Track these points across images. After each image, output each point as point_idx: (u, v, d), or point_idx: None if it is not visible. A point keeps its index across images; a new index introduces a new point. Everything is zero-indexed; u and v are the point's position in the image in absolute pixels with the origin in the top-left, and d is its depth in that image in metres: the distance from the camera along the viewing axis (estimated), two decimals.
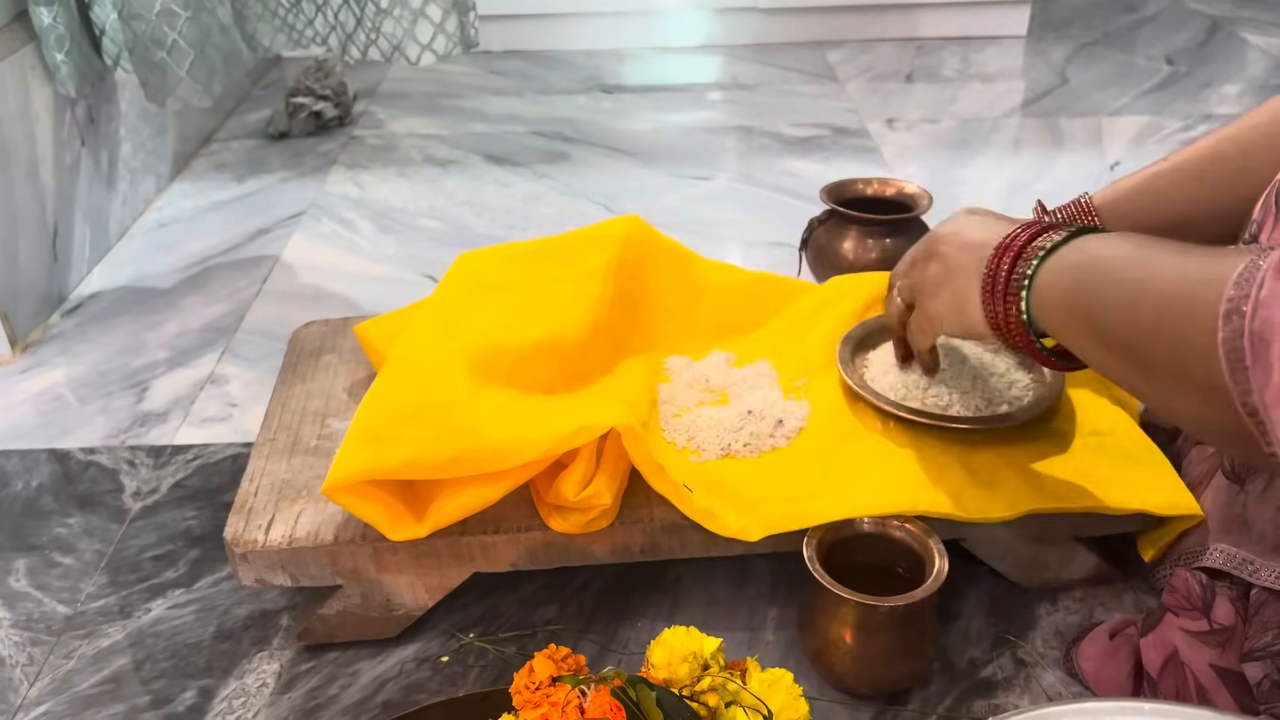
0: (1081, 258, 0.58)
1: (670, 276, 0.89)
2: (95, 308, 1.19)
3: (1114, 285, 0.54)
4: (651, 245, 0.88)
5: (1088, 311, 0.56)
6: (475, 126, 1.67)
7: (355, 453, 0.67)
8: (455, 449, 0.66)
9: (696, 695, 0.61)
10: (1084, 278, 0.57)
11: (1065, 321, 0.59)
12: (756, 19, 1.97)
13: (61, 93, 1.18)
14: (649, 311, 0.86)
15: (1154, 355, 0.51)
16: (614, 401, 0.72)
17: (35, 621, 0.78)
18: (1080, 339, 0.58)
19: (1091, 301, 0.56)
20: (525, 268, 0.86)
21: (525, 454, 0.67)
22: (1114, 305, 0.54)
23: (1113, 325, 0.54)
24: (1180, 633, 0.62)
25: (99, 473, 0.93)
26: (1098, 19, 2.08)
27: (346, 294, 1.20)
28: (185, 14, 1.15)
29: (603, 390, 0.76)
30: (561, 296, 0.81)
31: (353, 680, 0.72)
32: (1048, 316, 0.60)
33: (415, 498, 0.70)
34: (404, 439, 0.67)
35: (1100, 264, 0.56)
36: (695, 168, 1.50)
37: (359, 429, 0.69)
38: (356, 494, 0.67)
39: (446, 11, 1.19)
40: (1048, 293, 0.60)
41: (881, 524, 0.69)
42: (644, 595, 0.78)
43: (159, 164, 1.46)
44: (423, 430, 0.67)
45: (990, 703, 0.69)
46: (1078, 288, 0.57)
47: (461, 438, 0.67)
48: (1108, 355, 0.55)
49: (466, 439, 0.67)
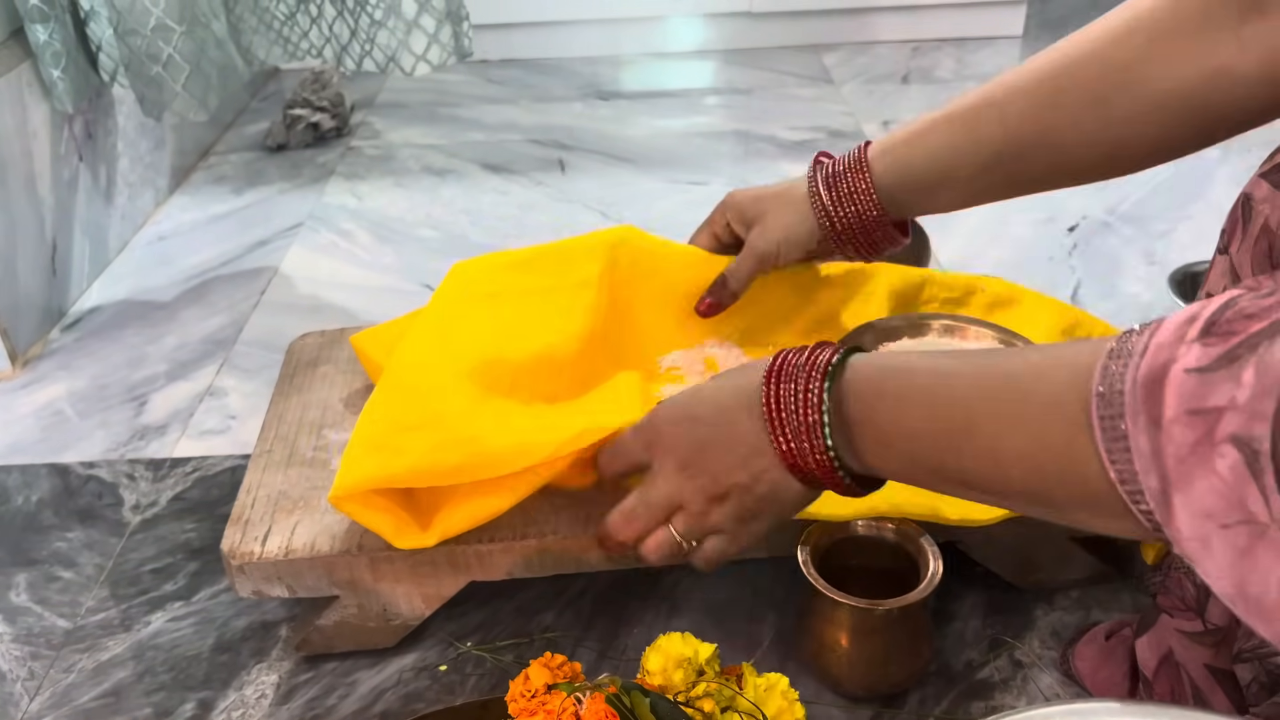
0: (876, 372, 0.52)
1: (664, 280, 0.88)
2: (95, 322, 1.19)
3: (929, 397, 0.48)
4: (644, 251, 0.88)
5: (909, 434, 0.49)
6: (472, 135, 1.67)
7: (360, 462, 0.67)
8: (459, 456, 0.67)
9: (692, 701, 0.61)
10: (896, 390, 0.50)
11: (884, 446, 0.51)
12: (751, 23, 1.97)
13: (59, 109, 1.18)
14: (644, 316, 0.86)
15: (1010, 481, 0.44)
16: (616, 403, 0.72)
17: (35, 636, 0.78)
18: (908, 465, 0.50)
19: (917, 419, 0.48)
20: (519, 276, 0.86)
21: (529, 458, 0.67)
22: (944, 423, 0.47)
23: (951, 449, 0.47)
24: (1175, 633, 0.62)
25: (99, 486, 0.93)
26: (1093, 17, 2.07)
27: (345, 304, 1.21)
28: (180, 28, 1.16)
29: (604, 394, 0.76)
30: (556, 306, 0.81)
31: (351, 690, 0.72)
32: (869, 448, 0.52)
33: (421, 507, 0.70)
34: (407, 448, 0.67)
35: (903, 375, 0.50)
36: (691, 173, 1.50)
37: (362, 438, 0.69)
38: (362, 503, 0.67)
39: (440, 22, 1.20)
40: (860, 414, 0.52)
41: (876, 527, 0.69)
42: (641, 601, 0.78)
43: (157, 178, 1.46)
44: (426, 438, 0.68)
45: (987, 704, 0.69)
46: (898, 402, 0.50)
47: (464, 445, 0.67)
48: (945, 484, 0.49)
49: (469, 446, 0.67)
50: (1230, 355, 0.34)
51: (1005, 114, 0.67)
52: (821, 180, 0.76)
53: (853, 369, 0.52)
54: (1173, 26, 0.60)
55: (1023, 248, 1.27)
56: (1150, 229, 1.28)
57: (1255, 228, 0.54)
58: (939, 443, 0.47)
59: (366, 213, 1.43)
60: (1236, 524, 0.34)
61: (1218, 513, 0.35)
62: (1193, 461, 0.35)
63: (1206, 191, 1.34)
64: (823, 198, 0.76)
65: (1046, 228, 1.30)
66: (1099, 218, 1.31)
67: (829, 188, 0.75)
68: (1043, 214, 1.32)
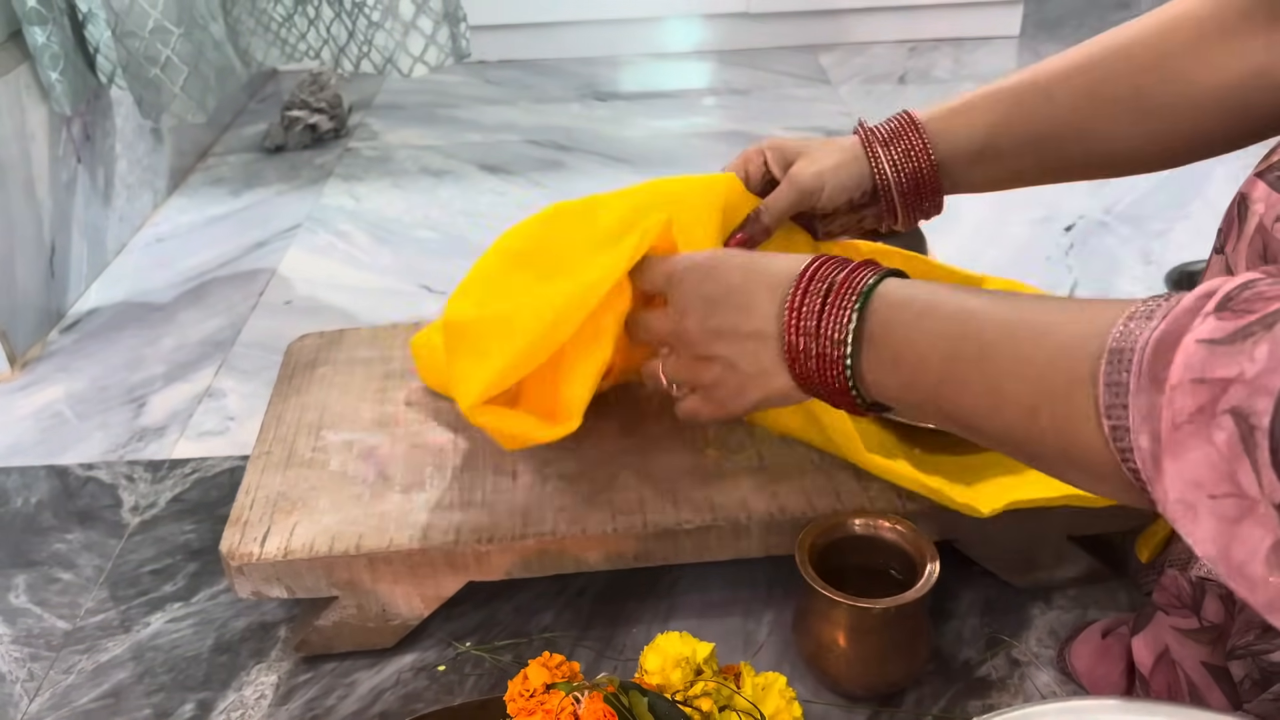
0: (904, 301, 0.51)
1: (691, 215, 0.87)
2: (93, 324, 1.20)
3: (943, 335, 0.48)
4: (669, 195, 0.87)
5: (916, 367, 0.49)
6: (470, 136, 1.67)
7: (471, 373, 0.68)
8: (551, 315, 0.67)
9: (690, 700, 0.61)
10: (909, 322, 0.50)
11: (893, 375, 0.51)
12: (749, 24, 1.98)
13: (57, 111, 1.19)
14: None
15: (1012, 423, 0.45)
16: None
17: (35, 637, 0.78)
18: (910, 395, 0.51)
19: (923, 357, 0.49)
20: (551, 230, 0.86)
21: (604, 282, 0.67)
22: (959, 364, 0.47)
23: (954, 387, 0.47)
24: (1171, 631, 0.62)
25: (98, 488, 0.93)
26: (1091, 18, 2.08)
27: (343, 306, 1.21)
28: (178, 31, 1.16)
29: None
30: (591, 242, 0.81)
31: (350, 691, 0.72)
32: (876, 371, 0.52)
33: (543, 405, 0.71)
34: (504, 345, 0.68)
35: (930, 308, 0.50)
36: (689, 173, 1.50)
37: (461, 356, 0.70)
38: (495, 413, 0.68)
39: (438, 23, 1.20)
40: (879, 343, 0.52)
41: (873, 526, 0.69)
42: (640, 600, 0.78)
43: (155, 179, 1.47)
44: (516, 324, 0.68)
45: (984, 702, 0.69)
46: (908, 340, 0.50)
47: (551, 307, 0.67)
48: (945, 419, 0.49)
49: (553, 306, 0.67)
50: (1245, 331, 0.35)
51: (1049, 96, 0.68)
52: (877, 140, 0.74)
53: (884, 285, 0.52)
54: (1214, 27, 0.61)
55: (1020, 247, 1.27)
56: (1147, 228, 1.28)
57: (1250, 227, 0.54)
58: (945, 370, 0.48)
59: (364, 214, 1.43)
60: (1225, 496, 0.35)
61: (1207, 483, 0.35)
62: (1189, 429, 0.35)
63: (1203, 191, 1.34)
64: (879, 153, 0.74)
65: (1044, 227, 1.30)
66: (1096, 217, 1.32)
67: (886, 145, 0.74)
68: (1040, 213, 1.32)
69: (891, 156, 0.74)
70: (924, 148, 0.73)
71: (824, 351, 0.53)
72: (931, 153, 0.73)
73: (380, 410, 0.83)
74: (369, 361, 0.89)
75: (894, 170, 0.74)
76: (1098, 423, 0.39)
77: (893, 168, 0.74)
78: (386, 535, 0.70)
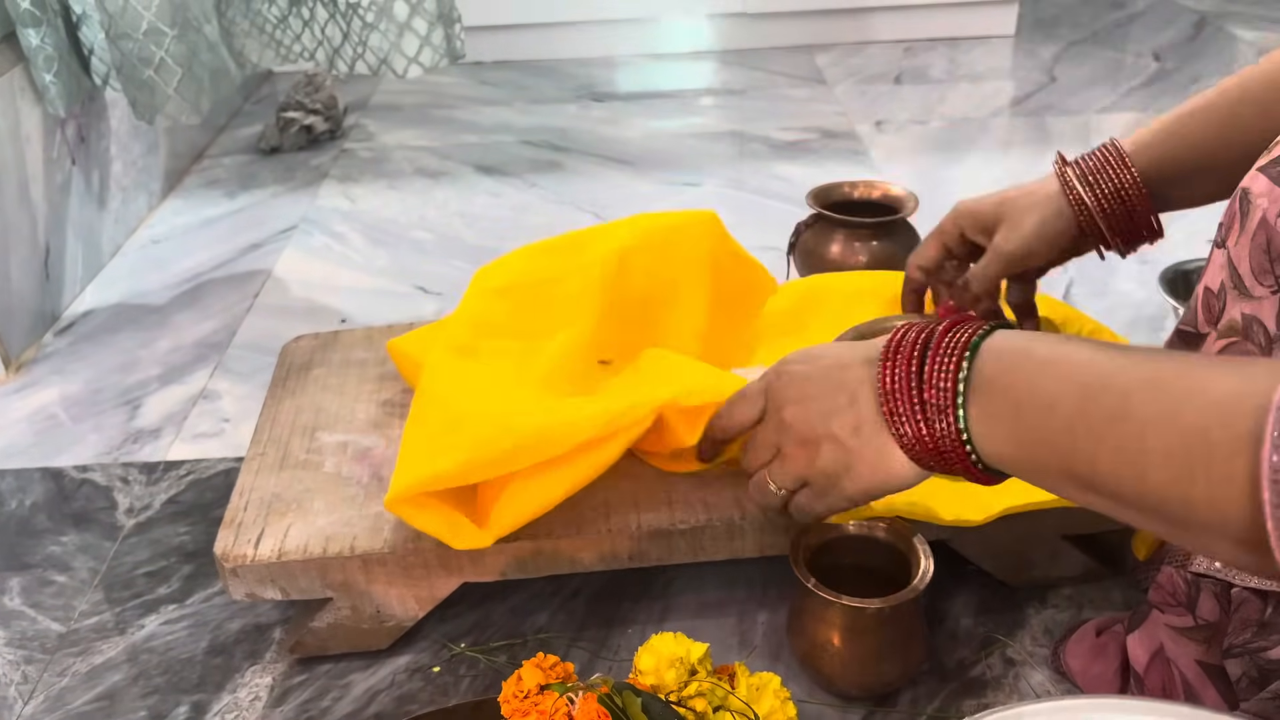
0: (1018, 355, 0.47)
1: (698, 298, 0.87)
2: (88, 326, 1.19)
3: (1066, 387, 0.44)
4: (674, 241, 0.88)
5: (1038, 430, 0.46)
6: (466, 137, 1.67)
7: (412, 465, 0.67)
8: (509, 441, 0.66)
9: (684, 701, 0.61)
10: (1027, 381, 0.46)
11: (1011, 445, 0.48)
12: (745, 24, 1.98)
13: (51, 113, 1.18)
14: (680, 308, 0.86)
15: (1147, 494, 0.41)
16: (666, 378, 0.72)
17: (29, 640, 0.78)
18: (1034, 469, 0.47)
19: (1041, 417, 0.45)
20: (534, 265, 0.86)
21: (578, 434, 0.67)
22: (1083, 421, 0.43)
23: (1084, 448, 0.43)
24: (1166, 629, 0.63)
25: (92, 490, 0.93)
26: (1086, 17, 2.08)
27: (339, 307, 1.21)
28: (172, 32, 1.16)
29: (652, 371, 0.76)
30: (569, 291, 0.82)
31: (345, 692, 0.72)
32: (988, 435, 0.48)
33: (474, 507, 0.70)
34: (457, 445, 0.67)
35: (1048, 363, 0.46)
36: (685, 174, 1.50)
37: (412, 442, 0.69)
38: (416, 505, 0.67)
39: (432, 24, 1.20)
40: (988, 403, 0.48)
41: (867, 526, 0.69)
42: (634, 601, 0.78)
43: (150, 181, 1.46)
44: (473, 433, 0.68)
45: (979, 702, 0.69)
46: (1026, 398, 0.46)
47: (512, 431, 0.67)
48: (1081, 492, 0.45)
49: (517, 432, 0.67)
50: None
51: (1266, 108, 0.67)
52: (1077, 179, 0.73)
53: (996, 336, 0.49)
54: None
55: None
56: None
57: (1253, 222, 0.54)
58: (1077, 423, 0.43)
59: (360, 215, 1.43)
60: None
61: None
62: None
63: None
64: (1082, 195, 0.73)
65: None
66: None
67: (1088, 185, 0.73)
68: None
69: (1096, 197, 0.72)
70: (1133, 180, 0.71)
71: (928, 409, 0.49)
72: (1142, 185, 0.71)
73: (375, 412, 0.83)
74: (364, 363, 0.89)
75: (1101, 212, 0.72)
76: (1254, 488, 0.36)
77: (1099, 209, 0.72)
78: (381, 536, 0.70)
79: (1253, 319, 0.54)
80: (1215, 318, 0.58)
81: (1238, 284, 0.55)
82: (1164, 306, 1.06)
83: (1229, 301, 0.56)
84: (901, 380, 0.51)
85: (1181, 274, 1.03)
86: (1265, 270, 0.53)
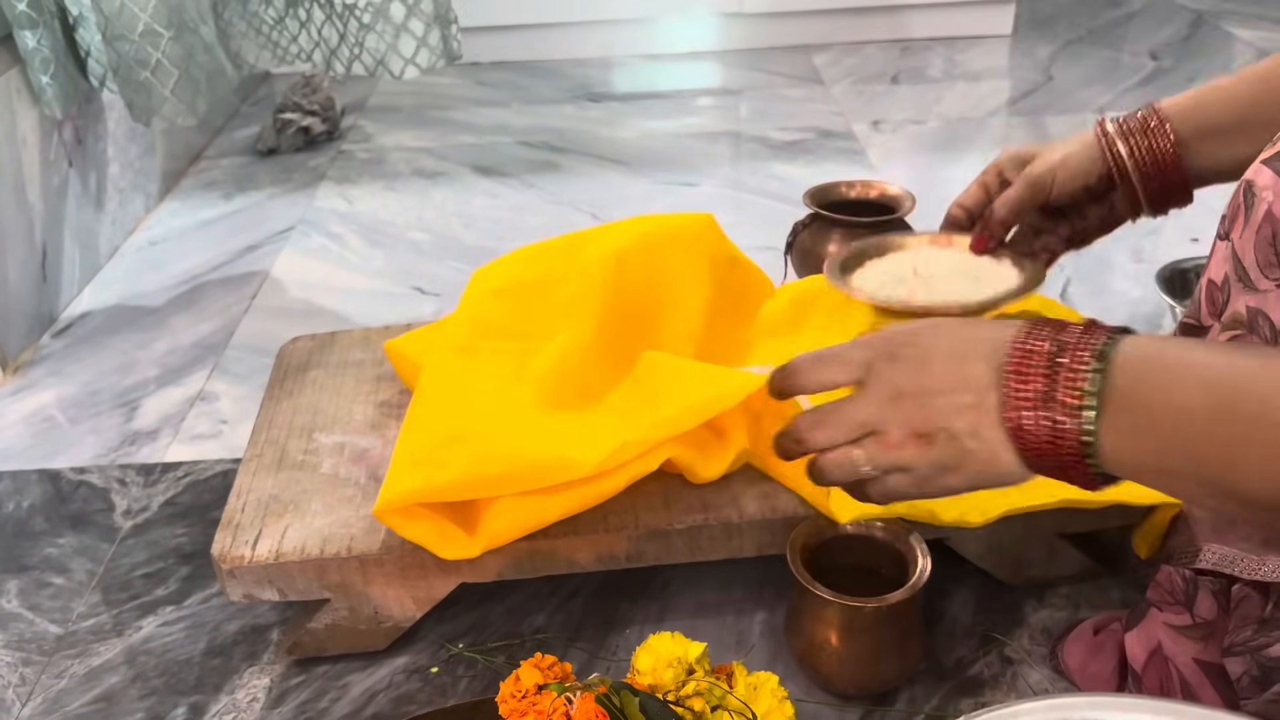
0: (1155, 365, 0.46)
1: (699, 277, 0.87)
2: (85, 328, 1.19)
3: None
4: (668, 242, 0.88)
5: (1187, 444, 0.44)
6: (463, 138, 1.67)
7: (403, 475, 0.67)
8: (502, 467, 0.67)
9: (682, 700, 0.61)
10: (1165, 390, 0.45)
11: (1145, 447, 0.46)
12: (743, 24, 1.98)
13: (48, 114, 1.18)
14: (676, 309, 0.86)
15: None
16: (661, 412, 0.71)
17: (27, 642, 0.78)
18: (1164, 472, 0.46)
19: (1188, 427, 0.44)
20: (530, 268, 0.86)
21: (572, 472, 0.67)
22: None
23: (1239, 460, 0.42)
24: (1164, 627, 0.63)
25: (90, 492, 0.93)
26: (1082, 16, 2.09)
27: (336, 308, 1.21)
28: (168, 34, 1.16)
29: (648, 383, 0.76)
30: (568, 294, 0.82)
31: (343, 693, 0.72)
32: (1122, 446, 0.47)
33: (465, 516, 0.70)
34: (450, 460, 0.67)
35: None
36: (683, 174, 1.50)
37: (404, 452, 0.69)
38: (405, 515, 0.67)
39: (429, 25, 1.20)
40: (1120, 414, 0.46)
41: (865, 525, 0.69)
42: (632, 601, 0.78)
43: (148, 183, 1.46)
44: (468, 450, 0.68)
45: (977, 700, 0.69)
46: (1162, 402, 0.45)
47: (507, 457, 0.67)
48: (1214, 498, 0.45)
49: (512, 458, 0.67)
50: None
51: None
52: (1111, 124, 0.74)
53: (1126, 342, 0.47)
54: None
55: None
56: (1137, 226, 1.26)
57: (1258, 215, 0.54)
58: (1216, 432, 0.43)
59: (357, 216, 1.43)
60: None
61: None
62: None
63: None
64: (1109, 132, 0.74)
65: None
66: None
67: (1121, 127, 0.74)
68: None
69: (1125, 135, 0.73)
70: (1160, 125, 0.72)
71: (1057, 420, 0.47)
72: (1170, 132, 0.71)
73: (372, 413, 0.83)
74: (361, 364, 0.89)
75: (1128, 148, 0.73)
76: None
77: (1126, 145, 0.73)
78: (378, 537, 0.70)
79: (1258, 311, 0.54)
80: (1219, 310, 0.58)
81: (1242, 277, 0.55)
82: (1161, 305, 1.06)
83: (1233, 294, 0.56)
84: (1032, 396, 0.48)
85: (1178, 272, 1.03)
86: (1271, 263, 0.53)
